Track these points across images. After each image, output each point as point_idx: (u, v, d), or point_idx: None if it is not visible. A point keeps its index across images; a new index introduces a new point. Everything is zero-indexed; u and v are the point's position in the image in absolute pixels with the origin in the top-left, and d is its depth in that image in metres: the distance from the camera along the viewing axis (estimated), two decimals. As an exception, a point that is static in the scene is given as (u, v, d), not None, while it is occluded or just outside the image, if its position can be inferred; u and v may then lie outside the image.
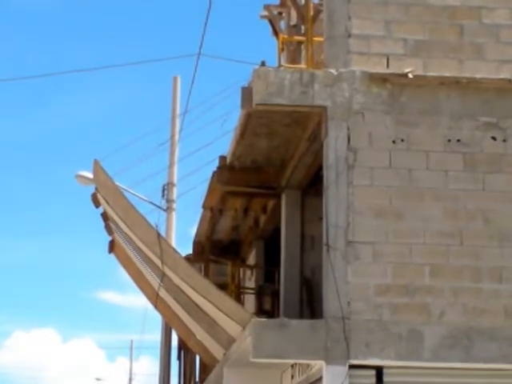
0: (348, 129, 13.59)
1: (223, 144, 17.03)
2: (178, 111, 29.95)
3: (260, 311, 18.94)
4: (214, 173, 17.66)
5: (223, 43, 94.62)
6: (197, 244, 22.81)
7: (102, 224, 20.20)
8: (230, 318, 14.83)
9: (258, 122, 14.75)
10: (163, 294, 18.63)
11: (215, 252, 22.29)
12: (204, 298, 15.60)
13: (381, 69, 13.82)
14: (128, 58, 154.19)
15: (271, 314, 17.82)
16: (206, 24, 21.77)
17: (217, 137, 21.80)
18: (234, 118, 15.41)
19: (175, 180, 29.39)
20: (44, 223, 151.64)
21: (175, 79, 30.44)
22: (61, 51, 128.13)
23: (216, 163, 17.52)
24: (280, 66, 16.95)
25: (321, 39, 15.32)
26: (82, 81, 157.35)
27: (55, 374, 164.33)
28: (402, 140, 13.67)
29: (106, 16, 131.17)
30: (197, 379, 25.99)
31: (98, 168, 18.04)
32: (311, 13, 16.74)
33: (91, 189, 19.57)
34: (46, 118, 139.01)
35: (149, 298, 21.20)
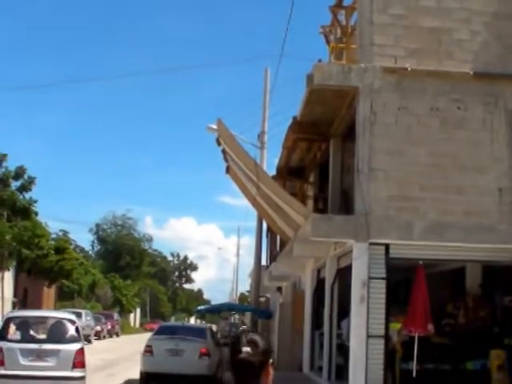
0: (371, 100, 13.57)
1: (295, 109, 17.14)
2: (268, 89, 29.94)
3: (316, 210, 18.77)
4: (290, 126, 17.60)
5: (298, 44, 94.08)
6: (279, 169, 22.72)
7: (222, 156, 20.59)
8: (298, 213, 14.99)
9: (316, 95, 14.69)
10: (258, 198, 18.80)
11: (289, 174, 22.30)
12: (282, 201, 15.93)
13: (391, 64, 13.75)
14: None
15: (323, 211, 17.73)
16: (286, 33, 21.67)
17: (291, 104, 21.82)
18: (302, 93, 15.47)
19: (266, 130, 29.62)
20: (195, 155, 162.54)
21: (266, 70, 29.72)
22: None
23: (290, 120, 17.49)
24: (330, 61, 17.12)
25: (355, 46, 15.35)
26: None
27: (193, 244, 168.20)
28: (404, 107, 13.61)
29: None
30: (277, 249, 26.49)
31: (220, 122, 18.35)
32: (349, 30, 16.76)
33: (215, 135, 20.02)
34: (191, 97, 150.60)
35: (249, 200, 21.44)
